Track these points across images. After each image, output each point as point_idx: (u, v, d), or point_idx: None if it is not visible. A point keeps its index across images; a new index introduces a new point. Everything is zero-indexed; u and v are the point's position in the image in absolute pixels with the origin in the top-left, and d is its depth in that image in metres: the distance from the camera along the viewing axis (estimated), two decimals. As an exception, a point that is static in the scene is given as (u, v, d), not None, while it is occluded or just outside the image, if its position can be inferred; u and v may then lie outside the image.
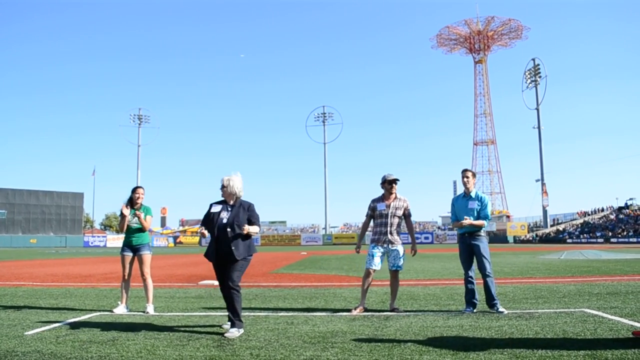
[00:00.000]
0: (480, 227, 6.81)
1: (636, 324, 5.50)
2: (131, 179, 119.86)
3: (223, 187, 5.71)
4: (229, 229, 5.48)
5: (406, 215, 7.06)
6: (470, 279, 6.78)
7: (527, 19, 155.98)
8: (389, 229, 6.88)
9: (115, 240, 78.60)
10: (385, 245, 6.89)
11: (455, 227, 6.98)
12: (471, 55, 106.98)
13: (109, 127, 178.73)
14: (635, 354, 4.09)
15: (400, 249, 6.95)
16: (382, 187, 7.03)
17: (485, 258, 6.73)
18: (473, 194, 6.95)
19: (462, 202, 6.98)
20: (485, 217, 6.85)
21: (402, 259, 6.93)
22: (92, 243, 77.87)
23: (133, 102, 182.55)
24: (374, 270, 6.87)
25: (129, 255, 7.17)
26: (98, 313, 6.90)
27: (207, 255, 5.68)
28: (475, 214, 6.84)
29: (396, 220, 6.94)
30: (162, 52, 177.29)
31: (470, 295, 6.73)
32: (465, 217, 6.79)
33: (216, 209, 5.69)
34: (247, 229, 5.45)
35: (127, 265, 7.15)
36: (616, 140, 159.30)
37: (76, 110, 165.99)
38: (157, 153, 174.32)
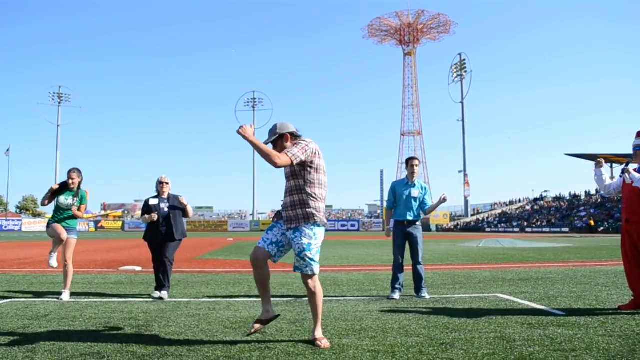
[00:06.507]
0: (419, 217, 7.00)
1: (543, 307, 5.83)
2: (50, 160, 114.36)
3: (163, 183, 7.22)
4: (170, 216, 7.11)
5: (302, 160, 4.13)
6: (401, 265, 6.89)
7: (456, 14, 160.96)
8: (285, 198, 4.35)
9: (32, 225, 75.02)
10: (284, 225, 4.33)
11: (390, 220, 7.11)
12: (401, 47, 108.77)
13: (26, 105, 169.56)
14: (540, 336, 4.34)
15: (303, 236, 4.15)
16: None
17: (420, 247, 6.94)
18: (416, 182, 7.05)
19: (405, 189, 6.99)
20: (427, 206, 7.03)
21: (301, 257, 4.16)
22: (6, 227, 73.91)
23: (53, 80, 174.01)
24: (264, 255, 4.24)
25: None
26: (8, 300, 6.57)
27: (147, 238, 7.20)
28: (418, 202, 6.97)
29: (294, 182, 4.25)
30: (84, 28, 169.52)
31: (397, 281, 6.82)
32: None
33: (154, 201, 7.21)
34: (185, 200, 7.25)
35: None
36: (533, 135, 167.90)
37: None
38: (78, 134, 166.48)
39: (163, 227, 7.06)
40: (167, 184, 7.26)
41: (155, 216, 7.04)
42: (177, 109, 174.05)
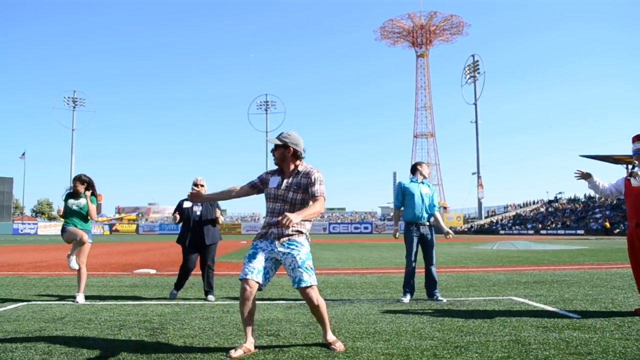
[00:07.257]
0: (430, 217, 7.00)
1: (558, 310, 5.78)
2: (65, 164, 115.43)
3: (198, 185, 7.13)
4: (203, 220, 7.10)
5: (312, 194, 4.12)
6: (414, 267, 6.84)
7: (468, 16, 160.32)
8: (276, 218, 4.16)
9: (47, 228, 75.77)
10: (271, 243, 4.16)
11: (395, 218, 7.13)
12: (414, 49, 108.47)
13: (41, 110, 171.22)
14: (556, 339, 4.30)
15: (300, 247, 4.10)
16: None
17: (434, 248, 6.92)
18: (424, 181, 7.07)
19: (415, 187, 6.95)
20: (435, 206, 7.05)
21: (304, 269, 4.01)
22: (22, 230, 74.80)
23: (67, 83, 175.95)
24: (253, 284, 4.02)
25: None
26: (25, 303, 6.64)
27: (181, 241, 7.21)
28: (428, 200, 6.95)
29: (293, 204, 4.18)
30: (98, 31, 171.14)
31: (410, 283, 6.80)
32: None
33: (188, 204, 7.19)
34: (219, 213, 7.24)
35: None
36: (548, 136, 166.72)
37: (4, 91, 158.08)
38: (93, 137, 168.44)
39: (194, 231, 7.11)
40: (202, 186, 7.17)
41: (177, 217, 7.18)
42: (191, 111, 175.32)
